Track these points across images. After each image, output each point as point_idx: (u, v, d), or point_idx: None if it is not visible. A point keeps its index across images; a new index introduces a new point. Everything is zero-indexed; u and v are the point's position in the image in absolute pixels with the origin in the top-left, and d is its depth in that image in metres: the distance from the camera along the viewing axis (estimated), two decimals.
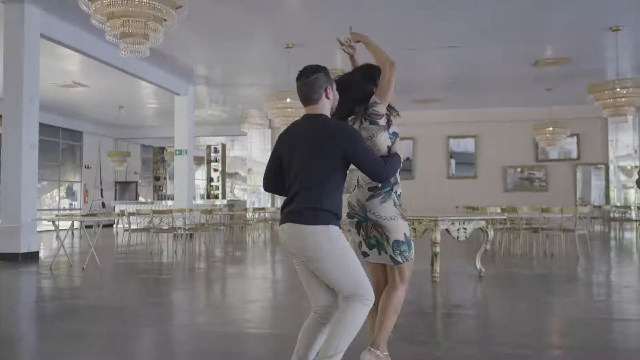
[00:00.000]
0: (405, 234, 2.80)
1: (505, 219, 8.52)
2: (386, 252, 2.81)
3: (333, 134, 2.55)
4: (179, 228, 9.40)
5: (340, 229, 2.59)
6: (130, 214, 9.08)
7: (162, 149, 22.65)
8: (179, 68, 12.13)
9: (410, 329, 3.93)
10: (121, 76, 11.91)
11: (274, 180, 2.73)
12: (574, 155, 16.55)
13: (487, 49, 10.58)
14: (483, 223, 5.93)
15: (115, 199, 21.19)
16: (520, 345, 3.64)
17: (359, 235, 2.89)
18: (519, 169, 16.83)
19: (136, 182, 22.20)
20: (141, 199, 22.36)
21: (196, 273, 7.39)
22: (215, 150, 20.97)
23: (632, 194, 16.50)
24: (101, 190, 20.37)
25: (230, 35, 9.66)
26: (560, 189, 16.41)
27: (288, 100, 10.01)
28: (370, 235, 2.83)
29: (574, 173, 16.51)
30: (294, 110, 10.13)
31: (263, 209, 14.65)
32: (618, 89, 8.85)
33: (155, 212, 9.00)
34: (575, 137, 16.22)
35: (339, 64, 11.71)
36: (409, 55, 10.79)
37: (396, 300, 2.81)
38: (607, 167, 16.34)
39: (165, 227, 9.25)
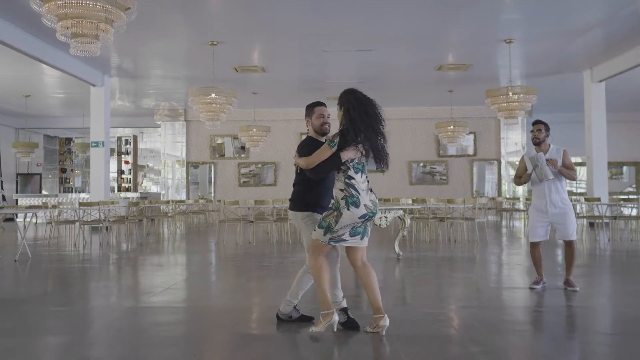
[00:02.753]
0: None
1: (417, 209, 9.47)
2: (367, 237, 3.81)
3: None
4: (104, 220, 9.48)
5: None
6: (53, 206, 9.05)
7: (68, 140, 21.84)
8: (95, 58, 11.95)
9: (352, 301, 4.59)
10: (29, 64, 11.57)
11: None
12: (471, 151, 18.15)
13: (396, 54, 11.46)
14: (401, 212, 6.75)
15: (17, 192, 20.23)
16: (436, 307, 4.48)
17: (347, 227, 3.68)
18: (421, 164, 18.17)
19: (40, 174, 21.29)
20: (45, 191, 21.47)
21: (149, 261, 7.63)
22: (127, 142, 20.63)
23: (519, 187, 18.37)
24: (1, 182, 19.38)
25: (150, 28, 9.68)
26: (458, 182, 17.97)
27: (213, 95, 10.32)
28: (358, 226, 3.70)
29: (471, 168, 18.11)
30: (218, 105, 10.48)
31: (183, 201, 14.80)
32: (510, 94, 10.06)
33: (82, 204, 9.02)
34: (472, 135, 17.82)
35: (259, 61, 12.18)
36: (324, 57, 11.48)
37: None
38: (500, 163, 18.09)
39: (88, 220, 9.29)
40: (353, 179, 3.65)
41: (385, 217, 6.54)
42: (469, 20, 9.32)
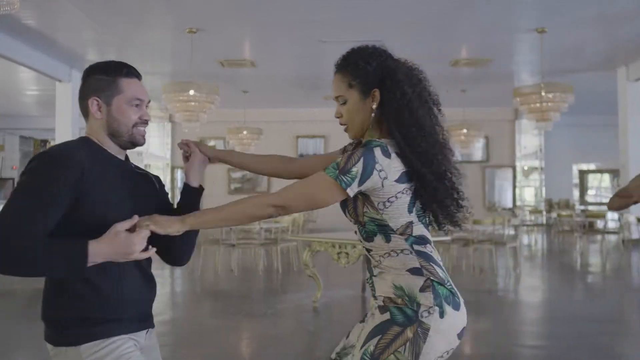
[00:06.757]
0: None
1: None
2: None
3: None
4: None
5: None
6: None
7: (44, 142, 20.25)
8: (61, 51, 10.46)
9: None
10: None
11: None
12: (479, 157, 16.52)
13: (404, 46, 9.85)
14: None
15: None
16: None
17: None
18: None
19: (13, 179, 19.62)
20: None
21: None
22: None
23: (527, 193, 16.79)
24: None
25: (124, 15, 8.27)
26: (469, 191, 16.26)
27: (191, 92, 8.75)
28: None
29: (483, 175, 16.52)
30: (197, 104, 8.91)
31: None
32: (543, 94, 8.49)
33: None
34: (484, 139, 16.20)
35: (247, 54, 10.62)
36: (322, 48, 9.92)
37: None
38: (515, 170, 16.50)
39: None
40: (427, 240, 1.68)
41: None
42: (491, 5, 7.78)
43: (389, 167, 1.57)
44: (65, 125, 11.74)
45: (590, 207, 16.85)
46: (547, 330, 4.85)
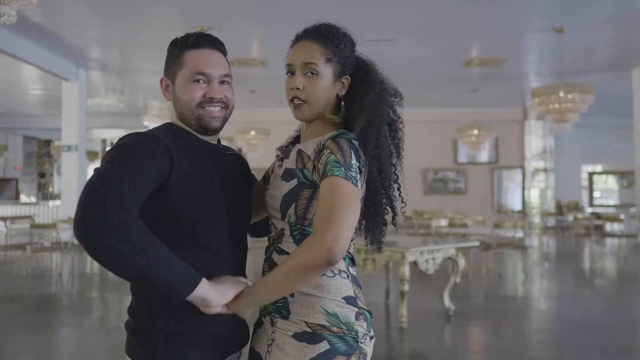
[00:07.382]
0: None
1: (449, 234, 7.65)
2: None
3: None
4: (66, 243, 7.66)
5: None
6: None
7: (48, 142, 20.05)
8: (68, 49, 10.25)
9: None
10: None
11: None
12: (485, 158, 16.31)
13: (417, 46, 9.75)
14: (453, 251, 4.92)
15: None
16: None
17: None
18: (436, 172, 16.38)
19: (16, 179, 19.45)
20: (24, 197, 19.64)
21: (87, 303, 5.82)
22: (112, 145, 18.83)
23: (536, 195, 16.59)
24: None
25: (131, 13, 8.09)
26: (477, 192, 16.15)
27: None
28: None
29: (492, 176, 16.32)
30: None
31: None
32: (562, 94, 8.29)
33: (34, 226, 7.20)
34: (494, 140, 16.02)
35: (256, 53, 10.43)
36: None
37: None
38: (524, 171, 16.30)
39: (48, 244, 7.50)
40: (354, 261, 1.53)
41: (433, 258, 4.72)
42: (507, 4, 7.60)
43: (364, 166, 1.40)
44: (72, 125, 11.53)
45: (597, 209, 16.66)
46: (585, 340, 4.65)
